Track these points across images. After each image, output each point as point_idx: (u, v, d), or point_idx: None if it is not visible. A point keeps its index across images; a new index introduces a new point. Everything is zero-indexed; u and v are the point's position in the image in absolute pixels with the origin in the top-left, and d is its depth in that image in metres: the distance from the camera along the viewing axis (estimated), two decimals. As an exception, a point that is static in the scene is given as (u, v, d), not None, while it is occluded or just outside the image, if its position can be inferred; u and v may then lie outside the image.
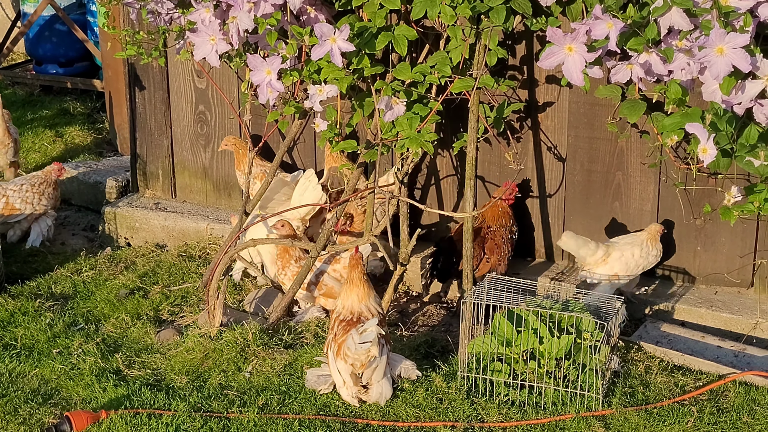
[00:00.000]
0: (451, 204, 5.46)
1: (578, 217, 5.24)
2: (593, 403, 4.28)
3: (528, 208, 5.32)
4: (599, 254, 4.94)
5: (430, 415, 4.28)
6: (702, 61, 4.06)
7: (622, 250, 4.93)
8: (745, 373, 4.45)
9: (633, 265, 4.92)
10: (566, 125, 5.14)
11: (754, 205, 4.28)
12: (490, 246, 5.08)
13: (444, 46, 4.78)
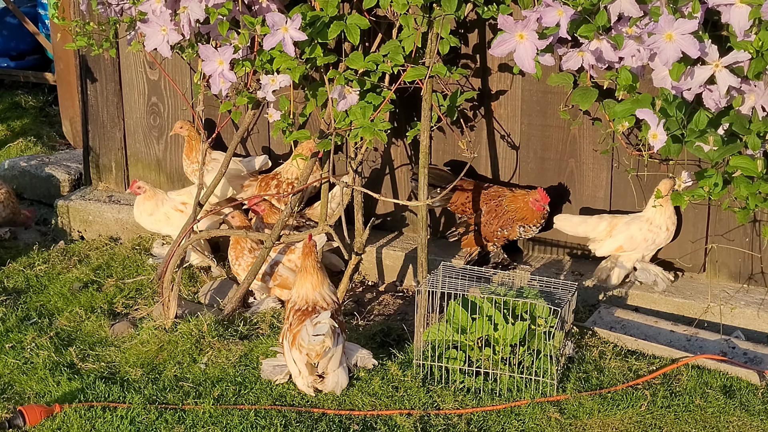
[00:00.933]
0: (406, 193, 5.46)
1: (532, 204, 5.27)
2: (548, 389, 4.31)
3: (482, 197, 5.34)
4: (602, 228, 4.97)
5: (386, 403, 4.28)
6: (652, 47, 4.09)
7: (628, 224, 4.94)
8: (697, 356, 4.50)
9: (640, 239, 4.92)
10: (519, 113, 5.16)
11: (704, 190, 4.31)
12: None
13: (396, 35, 4.79)
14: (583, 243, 5.18)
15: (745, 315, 4.83)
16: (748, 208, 4.40)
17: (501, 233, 5.11)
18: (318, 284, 4.37)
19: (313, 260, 4.38)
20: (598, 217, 5.03)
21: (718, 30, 4.18)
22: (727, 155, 4.24)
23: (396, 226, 5.60)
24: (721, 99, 4.23)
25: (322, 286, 4.37)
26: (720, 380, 4.39)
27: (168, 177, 6.05)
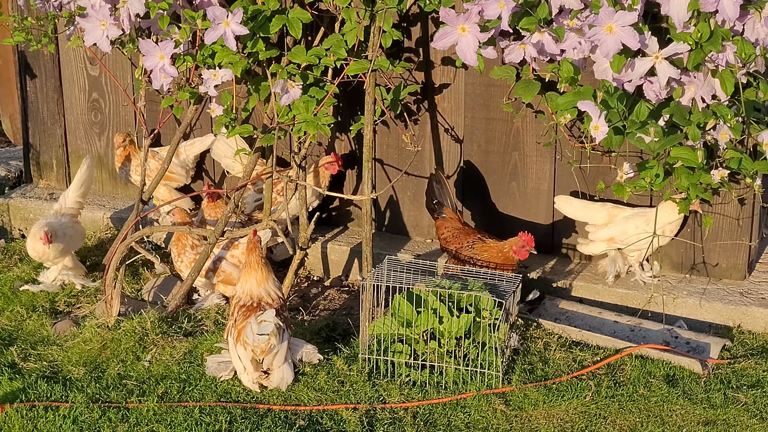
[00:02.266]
0: (351, 187, 5.45)
1: (476, 197, 5.27)
2: (493, 381, 4.32)
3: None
4: (601, 216, 4.95)
5: (332, 398, 4.27)
6: (592, 39, 4.12)
7: (627, 218, 4.90)
8: (640, 346, 4.53)
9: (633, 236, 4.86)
10: (463, 106, 5.17)
11: (645, 181, 4.35)
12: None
13: (339, 29, 4.77)
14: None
15: (688, 305, 4.87)
16: (689, 198, 4.45)
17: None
18: (263, 280, 4.34)
19: (257, 256, 4.35)
20: (600, 204, 4.95)
21: (657, 22, 4.22)
22: (668, 146, 4.28)
23: (341, 220, 5.59)
24: (661, 90, 4.27)
25: (266, 281, 4.35)
26: (663, 369, 4.42)
27: (110, 174, 5.99)
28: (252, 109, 4.99)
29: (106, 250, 5.56)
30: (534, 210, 5.18)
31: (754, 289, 4.94)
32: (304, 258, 4.99)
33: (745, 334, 4.77)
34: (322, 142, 5.43)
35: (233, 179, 5.53)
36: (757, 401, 4.22)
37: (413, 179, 5.33)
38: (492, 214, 5.25)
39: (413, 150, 4.98)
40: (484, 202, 5.26)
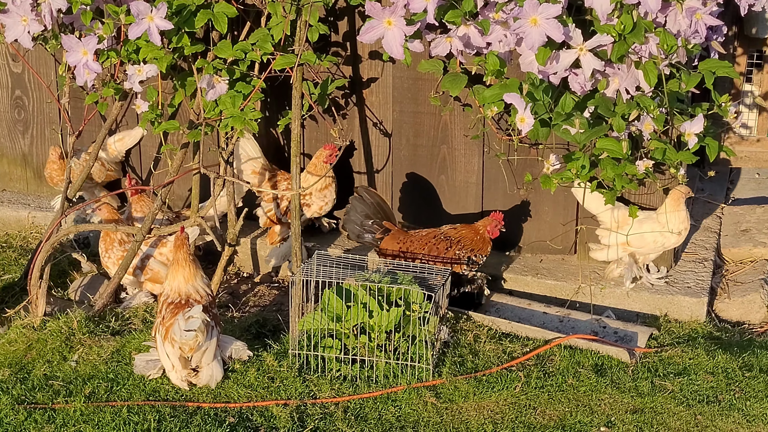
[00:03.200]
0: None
1: (406, 191, 5.27)
2: (424, 374, 4.32)
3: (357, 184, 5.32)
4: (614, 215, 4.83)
5: (262, 394, 4.24)
6: (517, 32, 4.13)
7: (641, 221, 4.82)
8: (569, 336, 4.56)
9: (650, 240, 4.82)
10: (391, 100, 5.16)
11: (571, 172, 4.38)
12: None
13: (265, 23, 4.74)
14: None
15: (616, 295, 4.92)
16: (615, 189, 4.49)
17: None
18: (191, 277, 4.30)
19: (185, 252, 4.31)
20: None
21: (582, 14, 4.25)
22: (593, 138, 4.31)
23: (270, 216, 5.55)
24: (586, 82, 4.30)
25: (195, 278, 4.30)
26: (592, 359, 4.46)
27: (35, 172, 5.89)
28: (179, 105, 4.95)
29: (30, 249, 5.47)
30: (463, 203, 5.19)
31: (680, 279, 5.00)
32: (233, 254, 4.95)
33: (672, 322, 4.83)
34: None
35: (159, 175, 5.46)
36: (683, 389, 4.27)
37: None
38: (421, 207, 5.26)
39: (342, 144, 4.97)
40: (414, 195, 5.26)
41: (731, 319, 5.03)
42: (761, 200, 5.88)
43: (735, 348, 4.61)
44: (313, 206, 5.15)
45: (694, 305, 4.84)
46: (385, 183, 5.28)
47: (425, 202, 5.25)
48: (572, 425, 4.07)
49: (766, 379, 4.34)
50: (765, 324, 4.97)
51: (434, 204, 5.24)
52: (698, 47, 4.27)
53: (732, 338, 4.78)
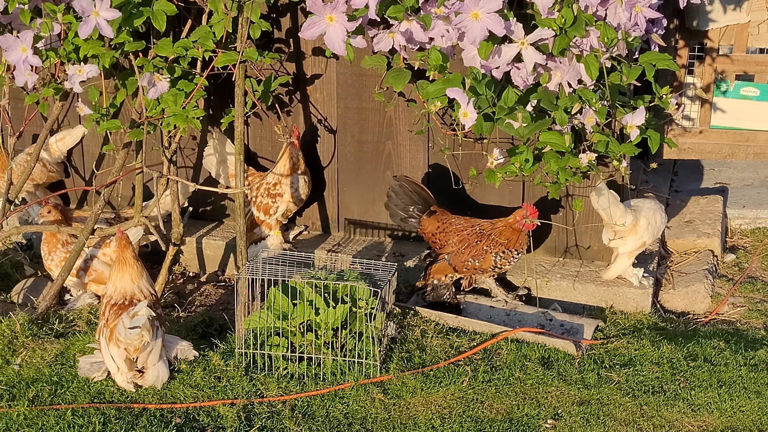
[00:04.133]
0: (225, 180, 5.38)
1: (352, 187, 5.26)
2: (371, 370, 4.31)
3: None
4: (628, 220, 4.76)
5: (209, 394, 4.21)
6: (459, 26, 4.13)
7: (648, 217, 4.82)
8: (516, 330, 4.57)
9: (656, 231, 4.87)
10: (335, 97, 5.15)
11: (515, 166, 4.39)
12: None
13: (207, 21, 4.70)
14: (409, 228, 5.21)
15: (562, 288, 4.94)
16: (559, 182, 4.50)
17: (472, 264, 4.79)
18: (136, 277, 4.25)
19: (128, 253, 4.26)
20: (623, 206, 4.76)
21: (523, 8, 4.26)
22: (536, 131, 4.32)
23: (217, 215, 5.52)
24: (528, 76, 4.31)
25: (138, 278, 4.26)
26: (538, 352, 4.47)
27: (-24, 174, 5.81)
28: (121, 104, 4.90)
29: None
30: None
31: (626, 270, 5.03)
32: (178, 254, 4.92)
33: (618, 314, 4.86)
34: (196, 135, 5.35)
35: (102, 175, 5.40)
36: (629, 379, 4.30)
37: (288, 171, 5.29)
38: (367, 203, 5.25)
39: (285, 142, 4.94)
40: (360, 192, 5.25)
41: (676, 310, 5.07)
42: (705, 191, 5.94)
43: (680, 338, 4.65)
44: (285, 196, 5.09)
45: (639, 296, 4.88)
46: (331, 179, 5.27)
47: (371, 199, 5.24)
48: (519, 418, 4.08)
49: (710, 369, 4.38)
50: (709, 314, 5.02)
51: (380, 200, 5.22)
52: (638, 40, 4.30)
53: (677, 328, 4.82)
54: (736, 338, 4.68)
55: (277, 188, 5.05)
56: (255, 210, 5.12)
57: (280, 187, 5.04)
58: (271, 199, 5.06)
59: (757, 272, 5.40)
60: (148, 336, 4.08)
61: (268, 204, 5.07)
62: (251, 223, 5.14)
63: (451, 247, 4.75)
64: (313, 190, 5.22)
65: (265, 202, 5.07)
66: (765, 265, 5.46)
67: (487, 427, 4.02)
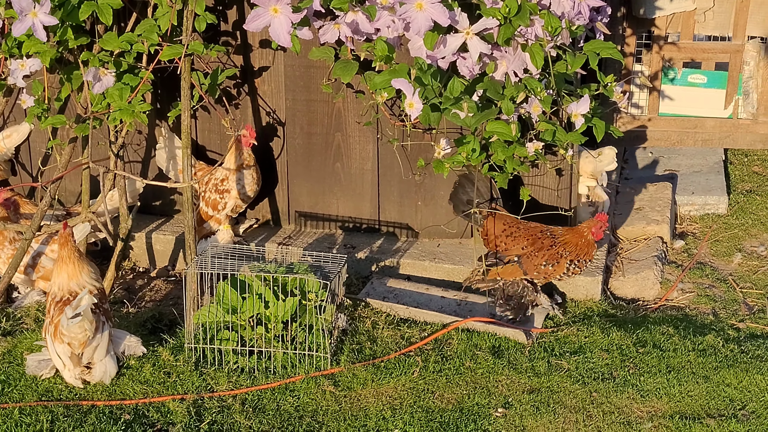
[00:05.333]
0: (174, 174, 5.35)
1: (301, 180, 5.25)
2: (322, 363, 4.30)
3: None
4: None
5: (159, 390, 4.19)
6: (404, 17, 4.13)
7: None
8: (467, 320, 4.58)
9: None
10: (283, 89, 5.13)
11: (462, 156, 4.40)
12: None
13: (152, 14, 4.67)
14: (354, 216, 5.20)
15: (512, 276, 4.95)
16: (507, 171, 4.52)
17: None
18: (77, 273, 4.21)
19: (70, 249, 4.22)
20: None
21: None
22: (483, 121, 4.33)
23: (167, 210, 5.48)
24: (474, 66, 4.32)
25: (81, 274, 4.22)
26: (489, 341, 4.49)
27: None
28: (66, 99, 4.86)
29: None
30: (359, 190, 5.19)
31: (576, 258, 5.05)
32: (127, 250, 4.88)
33: (568, 302, 4.88)
34: (142, 130, 5.31)
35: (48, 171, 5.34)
36: (579, 367, 4.32)
37: (237, 164, 5.26)
38: (317, 196, 5.24)
39: (233, 135, 4.92)
40: (309, 184, 5.24)
41: (626, 297, 5.10)
42: (654, 178, 5.98)
43: (630, 325, 4.68)
44: (232, 192, 5.06)
45: (589, 284, 4.90)
46: (281, 172, 5.25)
47: (322, 191, 5.23)
48: (470, 407, 4.09)
49: (659, 354, 4.41)
50: (659, 300, 5.05)
51: (331, 192, 5.22)
52: (582, 29, 4.32)
53: (627, 315, 4.85)
54: (685, 324, 4.71)
55: (225, 184, 5.02)
56: (204, 205, 5.09)
57: (228, 183, 5.00)
58: (219, 195, 5.03)
59: (705, 258, 5.44)
60: (90, 327, 4.04)
61: (216, 200, 5.04)
62: (200, 218, 5.11)
63: (520, 250, 4.69)
64: (265, 184, 5.20)
65: (213, 197, 5.04)
66: (713, 251, 5.50)
67: (438, 417, 4.03)
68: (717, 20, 5.80)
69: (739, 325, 4.76)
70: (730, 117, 5.89)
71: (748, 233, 5.63)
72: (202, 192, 5.09)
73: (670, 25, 5.86)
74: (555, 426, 3.99)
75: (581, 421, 4.01)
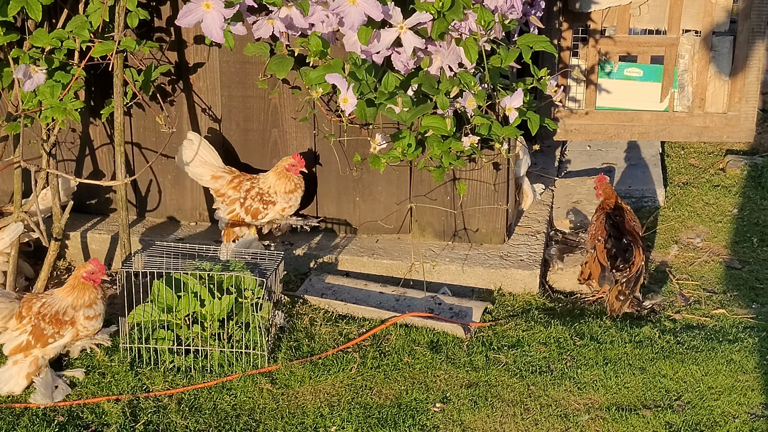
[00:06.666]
0: (109, 172, 5.29)
1: (239, 177, 5.21)
2: (259, 361, 4.27)
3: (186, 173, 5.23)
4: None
5: (93, 391, 4.14)
6: (337, 12, 4.11)
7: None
8: (404, 315, 4.57)
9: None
10: (219, 85, 5.08)
11: (398, 151, 4.38)
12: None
13: (84, 10, 4.60)
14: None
15: (451, 271, 4.95)
16: (443, 166, 4.51)
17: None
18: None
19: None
20: None
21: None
22: (418, 116, 4.32)
23: (102, 208, 5.42)
24: (409, 61, 4.31)
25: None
26: (427, 336, 4.48)
27: None
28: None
29: None
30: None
31: (514, 252, 5.06)
32: (63, 249, 4.81)
33: (506, 296, 4.89)
34: (76, 128, 5.24)
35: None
36: (517, 360, 4.33)
37: (173, 162, 5.21)
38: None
39: (168, 132, 4.87)
40: (247, 181, 5.20)
41: (564, 290, 5.12)
42: (591, 172, 6.01)
43: (567, 318, 4.70)
44: (277, 206, 5.01)
45: (527, 278, 4.91)
46: (218, 169, 5.20)
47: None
48: (408, 403, 4.08)
49: (596, 347, 4.43)
50: (597, 293, 5.07)
51: (268, 188, 5.19)
52: (515, 22, 4.32)
53: (565, 308, 4.87)
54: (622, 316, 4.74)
55: (273, 197, 4.93)
56: (242, 212, 4.96)
57: (276, 196, 4.92)
58: (263, 205, 4.93)
59: (643, 250, 5.47)
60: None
61: (258, 209, 4.94)
62: (233, 222, 5.01)
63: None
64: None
65: (256, 206, 4.94)
66: (650, 243, 5.54)
67: (376, 413, 4.02)
68: (652, 14, 5.84)
69: (675, 316, 4.79)
70: (666, 110, 5.93)
71: (684, 225, 5.68)
72: (241, 198, 5.00)
73: (606, 19, 5.89)
74: (493, 420, 4.00)
75: (519, 414, 4.02)
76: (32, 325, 4.11)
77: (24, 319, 4.13)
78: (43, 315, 4.14)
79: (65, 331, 4.14)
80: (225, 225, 5.05)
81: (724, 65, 5.83)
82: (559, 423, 3.97)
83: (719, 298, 4.98)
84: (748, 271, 5.24)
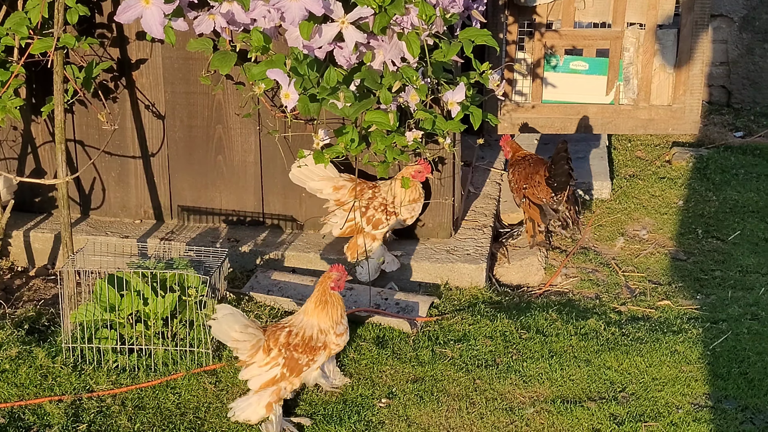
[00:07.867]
0: (51, 170, 5.23)
1: (183, 174, 5.17)
2: (204, 359, 4.24)
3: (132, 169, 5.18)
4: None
5: (35, 392, 4.09)
6: (277, 6, 4.09)
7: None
8: (351, 310, 4.55)
9: None
10: (162, 81, 5.04)
11: (341, 146, 4.37)
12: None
13: (23, 6, 4.54)
14: (238, 209, 5.13)
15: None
16: (387, 161, 4.50)
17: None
18: None
19: None
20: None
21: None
22: (361, 111, 4.30)
23: (46, 207, 5.36)
24: (351, 55, 4.29)
25: None
26: (374, 332, 4.47)
27: None
28: (-66, 96, 4.71)
29: None
30: (243, 182, 5.13)
31: (460, 246, 5.07)
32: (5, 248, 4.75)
33: (453, 290, 4.89)
34: (17, 126, 5.18)
35: None
36: (463, 354, 4.33)
37: (117, 159, 5.16)
38: (200, 189, 5.16)
39: (110, 129, 4.82)
40: (192, 178, 5.16)
41: (511, 283, 5.14)
42: (539, 165, 6.01)
43: (514, 311, 4.71)
44: (400, 217, 4.91)
45: (473, 272, 4.92)
46: (161, 166, 5.16)
47: (204, 184, 5.15)
48: (353, 399, 4.07)
49: (542, 340, 4.44)
50: (543, 285, 5.09)
51: (213, 185, 5.15)
52: (456, 16, 4.31)
53: (511, 302, 4.88)
54: (568, 308, 4.76)
55: (395, 208, 4.86)
56: (364, 222, 4.85)
57: (398, 208, 4.86)
58: (386, 216, 4.86)
59: (589, 243, 5.50)
60: None
61: (381, 219, 4.86)
62: (351, 231, 4.93)
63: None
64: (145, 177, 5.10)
65: (378, 216, 4.87)
66: (597, 235, 5.57)
67: (321, 410, 4.00)
68: (597, 7, 5.87)
69: (621, 308, 4.82)
70: (612, 103, 5.96)
71: (630, 217, 5.71)
72: (363, 208, 4.87)
73: (552, 12, 5.90)
74: (438, 414, 3.99)
75: (464, 408, 4.02)
76: (284, 357, 3.88)
77: (272, 351, 3.89)
78: (295, 346, 3.91)
79: (318, 356, 3.95)
80: (334, 236, 5.00)
81: (668, 58, 5.87)
82: (505, 416, 3.98)
83: (664, 289, 5.02)
84: (692, 263, 5.28)
